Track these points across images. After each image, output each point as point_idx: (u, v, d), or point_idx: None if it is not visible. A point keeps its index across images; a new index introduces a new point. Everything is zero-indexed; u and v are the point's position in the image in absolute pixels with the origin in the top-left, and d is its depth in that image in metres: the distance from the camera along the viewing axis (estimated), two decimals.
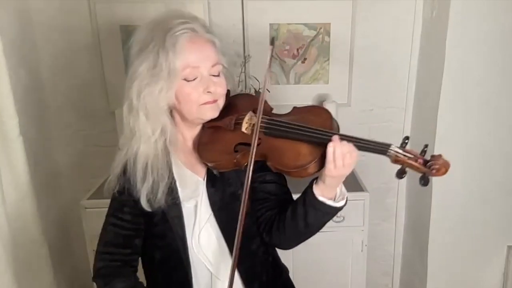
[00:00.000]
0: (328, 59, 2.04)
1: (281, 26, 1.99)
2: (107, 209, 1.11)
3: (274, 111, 1.12)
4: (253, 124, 1.02)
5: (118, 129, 1.86)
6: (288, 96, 2.06)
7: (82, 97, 2.04)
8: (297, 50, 2.03)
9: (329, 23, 1.99)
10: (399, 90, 2.11)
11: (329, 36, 2.01)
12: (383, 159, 0.95)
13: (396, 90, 2.11)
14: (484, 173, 1.90)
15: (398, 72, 2.08)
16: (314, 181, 1.01)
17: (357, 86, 2.08)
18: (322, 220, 1.04)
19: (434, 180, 1.95)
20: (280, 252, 1.27)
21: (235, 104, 1.11)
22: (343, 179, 0.99)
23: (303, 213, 1.02)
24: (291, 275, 2.00)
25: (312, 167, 0.95)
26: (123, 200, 1.07)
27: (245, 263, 1.10)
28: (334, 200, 1.01)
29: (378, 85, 2.10)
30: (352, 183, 1.91)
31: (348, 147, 0.94)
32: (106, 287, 1.06)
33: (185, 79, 1.00)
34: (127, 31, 1.95)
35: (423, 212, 2.02)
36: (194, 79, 1.01)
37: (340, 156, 0.93)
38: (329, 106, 1.94)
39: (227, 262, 1.08)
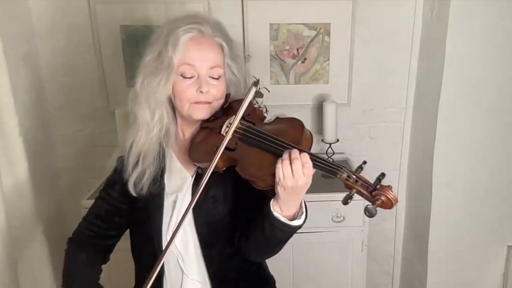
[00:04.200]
0: (328, 59, 2.04)
1: (281, 26, 1.99)
2: None
3: (266, 121, 1.10)
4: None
5: (118, 129, 1.86)
6: (288, 96, 2.06)
7: (82, 97, 2.05)
8: (297, 50, 2.03)
9: (329, 23, 1.99)
10: (399, 90, 2.11)
11: (329, 36, 2.01)
12: (383, 159, 0.94)
13: (396, 90, 2.11)
14: (484, 173, 1.90)
15: (398, 72, 2.08)
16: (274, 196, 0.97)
17: (357, 86, 2.08)
18: (279, 235, 0.99)
19: (434, 180, 1.96)
20: (281, 252, 1.26)
21: (233, 109, 1.11)
22: (299, 195, 0.94)
23: (261, 225, 0.99)
24: (290, 275, 2.00)
25: (270, 179, 0.93)
26: (115, 179, 1.14)
27: (215, 265, 1.11)
28: (293, 219, 0.97)
29: (378, 85, 2.10)
30: None
31: (303, 157, 0.89)
32: (70, 252, 1.18)
33: (181, 75, 1.04)
34: (127, 31, 1.95)
35: (423, 212, 2.02)
36: (190, 77, 1.04)
37: (287, 163, 0.89)
38: (329, 106, 1.94)
39: (199, 262, 1.10)
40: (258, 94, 1.90)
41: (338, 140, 2.01)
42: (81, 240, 1.18)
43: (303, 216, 0.98)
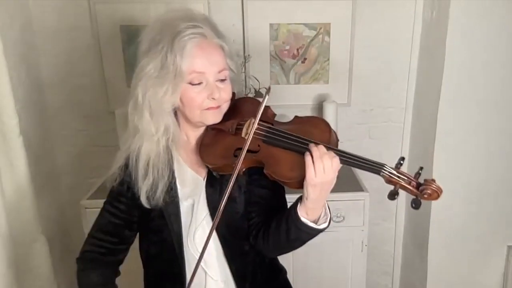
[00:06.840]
0: (328, 59, 2.04)
1: (281, 26, 1.99)
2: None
3: (276, 118, 1.11)
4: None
5: (118, 129, 1.86)
6: (288, 96, 2.06)
7: (82, 97, 2.04)
8: (297, 50, 2.03)
9: (329, 23, 1.99)
10: (399, 90, 2.11)
11: (329, 36, 2.01)
12: (383, 159, 0.95)
13: (396, 90, 2.11)
14: (484, 173, 1.90)
15: (398, 72, 2.08)
16: (299, 200, 0.99)
17: (357, 86, 2.08)
18: (304, 238, 1.03)
19: None
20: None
21: (239, 108, 1.11)
22: (326, 192, 0.96)
23: (286, 229, 1.02)
24: (291, 275, 2.00)
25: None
26: (121, 191, 1.10)
27: (236, 263, 1.12)
28: (317, 221, 1.01)
29: (378, 85, 2.10)
30: (352, 183, 1.91)
31: (328, 153, 0.92)
32: (82, 272, 1.12)
33: (190, 83, 1.01)
34: (127, 31, 1.95)
35: (423, 212, 2.02)
36: (199, 84, 1.01)
37: (320, 159, 0.90)
38: (329, 106, 1.94)
39: (221, 261, 1.11)
40: (259, 95, 1.90)
41: (338, 140, 2.00)
42: (91, 259, 1.12)
43: (328, 219, 1.02)
